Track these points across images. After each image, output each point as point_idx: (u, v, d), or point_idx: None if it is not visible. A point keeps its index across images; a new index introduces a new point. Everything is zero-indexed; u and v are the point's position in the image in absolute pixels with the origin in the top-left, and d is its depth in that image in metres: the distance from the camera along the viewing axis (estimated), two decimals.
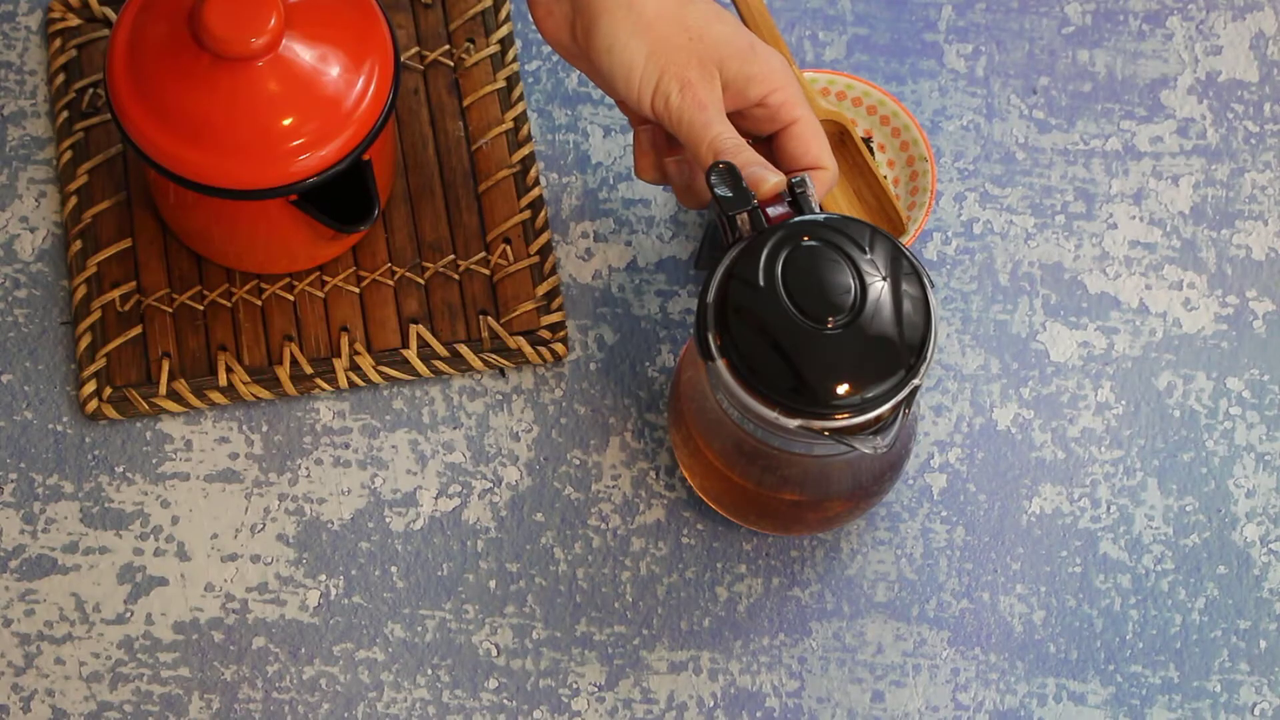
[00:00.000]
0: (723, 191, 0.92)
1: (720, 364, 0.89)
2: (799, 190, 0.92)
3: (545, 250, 1.08)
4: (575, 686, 1.01)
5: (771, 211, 0.92)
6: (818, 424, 0.88)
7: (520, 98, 1.11)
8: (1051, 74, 1.13)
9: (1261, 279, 1.09)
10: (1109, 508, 1.04)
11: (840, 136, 1.09)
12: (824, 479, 0.97)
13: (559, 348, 1.06)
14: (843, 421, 0.88)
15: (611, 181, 1.11)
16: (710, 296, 0.90)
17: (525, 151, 1.10)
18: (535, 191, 1.09)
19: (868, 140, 1.10)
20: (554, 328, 1.07)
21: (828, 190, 0.96)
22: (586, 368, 1.06)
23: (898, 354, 0.88)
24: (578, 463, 1.05)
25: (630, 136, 1.11)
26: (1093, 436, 1.05)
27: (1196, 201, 1.11)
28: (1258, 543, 1.04)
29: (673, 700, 1.00)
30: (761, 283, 0.89)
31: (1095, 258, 1.09)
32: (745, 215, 0.91)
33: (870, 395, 0.88)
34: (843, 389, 0.88)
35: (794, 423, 0.88)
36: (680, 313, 1.08)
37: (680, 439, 1.00)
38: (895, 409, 0.89)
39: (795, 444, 0.92)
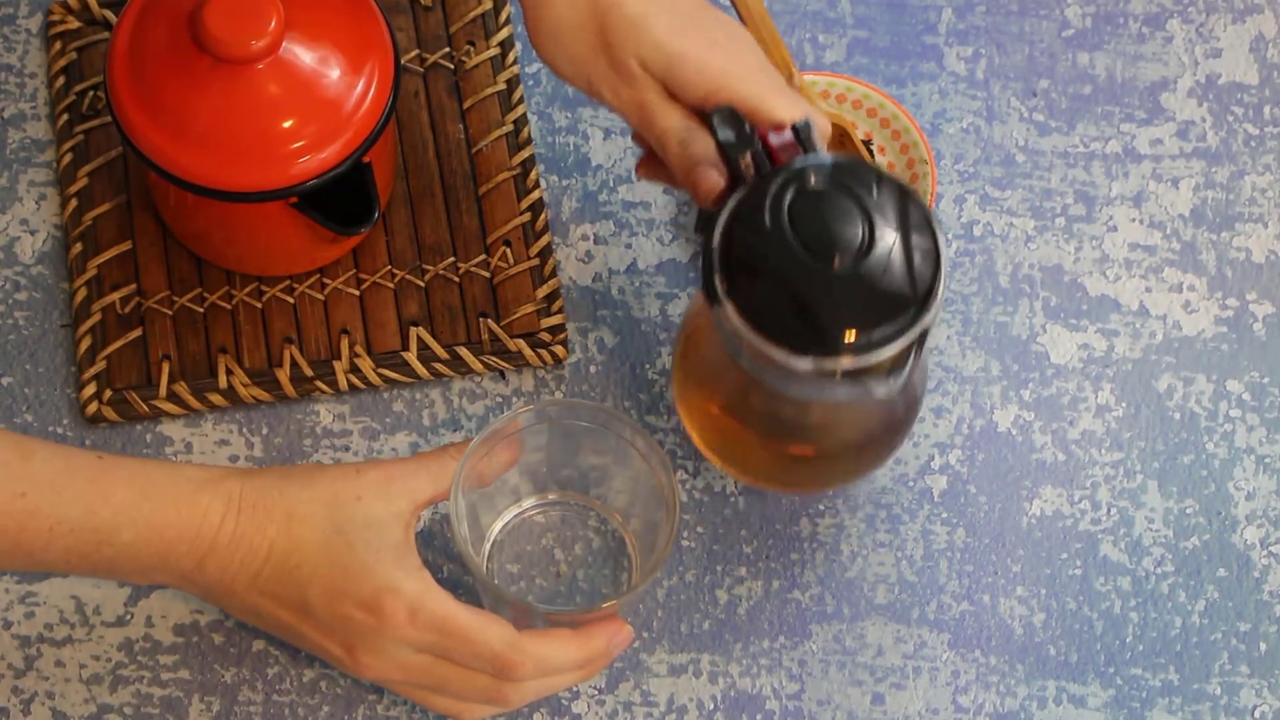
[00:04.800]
0: (725, 135, 0.90)
1: (729, 306, 0.87)
2: (803, 132, 0.91)
3: (545, 253, 1.08)
4: (575, 689, 1.01)
5: (775, 142, 0.90)
6: (829, 364, 0.86)
7: (520, 100, 1.12)
8: (1051, 77, 1.13)
9: (1261, 281, 1.09)
10: (1109, 510, 1.04)
11: (840, 139, 1.09)
12: (834, 430, 0.95)
13: (559, 350, 1.06)
14: (854, 362, 0.86)
15: (612, 184, 1.11)
16: (716, 240, 0.88)
17: (525, 154, 1.10)
18: (535, 194, 1.09)
19: (868, 143, 1.10)
20: (554, 330, 1.07)
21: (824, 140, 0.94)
22: (586, 370, 1.06)
23: (907, 293, 0.87)
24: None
25: (630, 139, 1.11)
26: (1093, 439, 1.05)
27: (1196, 204, 1.11)
28: (1258, 545, 1.04)
29: (673, 703, 1.00)
30: (767, 224, 0.87)
31: (1095, 260, 1.09)
32: (749, 158, 0.90)
33: (880, 334, 0.86)
34: (852, 328, 0.86)
35: (804, 364, 0.86)
36: (680, 315, 1.08)
37: (685, 395, 0.99)
38: (906, 350, 0.87)
39: (806, 389, 0.90)
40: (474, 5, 1.13)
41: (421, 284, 1.07)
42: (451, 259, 1.08)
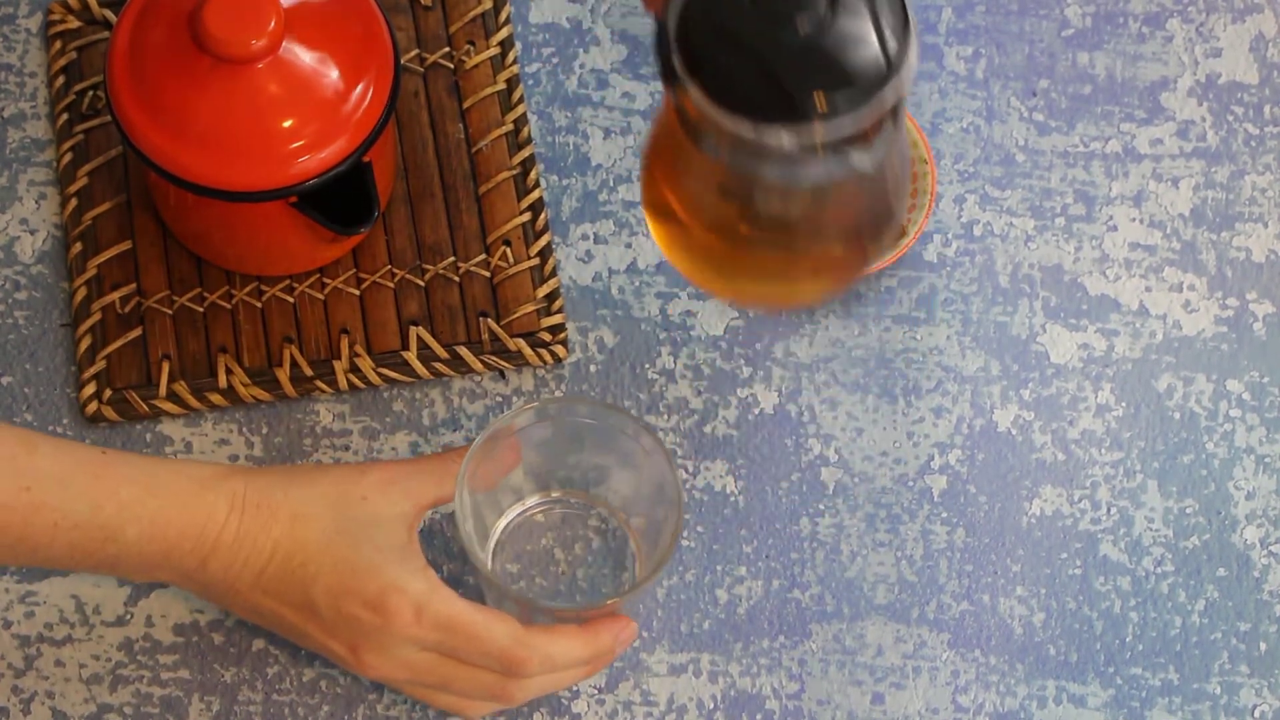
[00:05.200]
0: None
1: (690, 86, 0.83)
2: None
3: (545, 252, 1.08)
4: (575, 689, 1.01)
5: None
6: (801, 134, 0.82)
7: (520, 100, 1.11)
8: (1051, 76, 1.13)
9: (1261, 281, 1.09)
10: (1109, 510, 1.04)
11: None
12: (815, 222, 0.91)
13: (559, 350, 1.06)
14: (825, 131, 0.82)
15: (612, 184, 1.11)
16: (671, 18, 0.83)
17: (525, 154, 1.10)
18: (535, 194, 1.09)
19: None
20: (554, 330, 1.07)
21: None
22: (586, 370, 1.06)
23: (876, 56, 0.83)
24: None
25: (630, 139, 1.11)
26: (1093, 438, 1.05)
27: (1196, 204, 1.11)
28: (1258, 545, 1.04)
29: (673, 703, 1.00)
30: None
31: (1095, 260, 1.09)
32: None
33: (850, 98, 0.82)
34: (821, 91, 0.82)
35: (775, 135, 0.82)
36: (680, 315, 1.08)
37: (655, 208, 0.94)
38: (880, 118, 0.83)
39: (781, 172, 0.85)
40: (474, 5, 1.13)
41: (421, 284, 1.07)
42: (451, 259, 1.08)
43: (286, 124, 0.98)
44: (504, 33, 1.13)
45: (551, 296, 1.07)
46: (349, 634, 0.91)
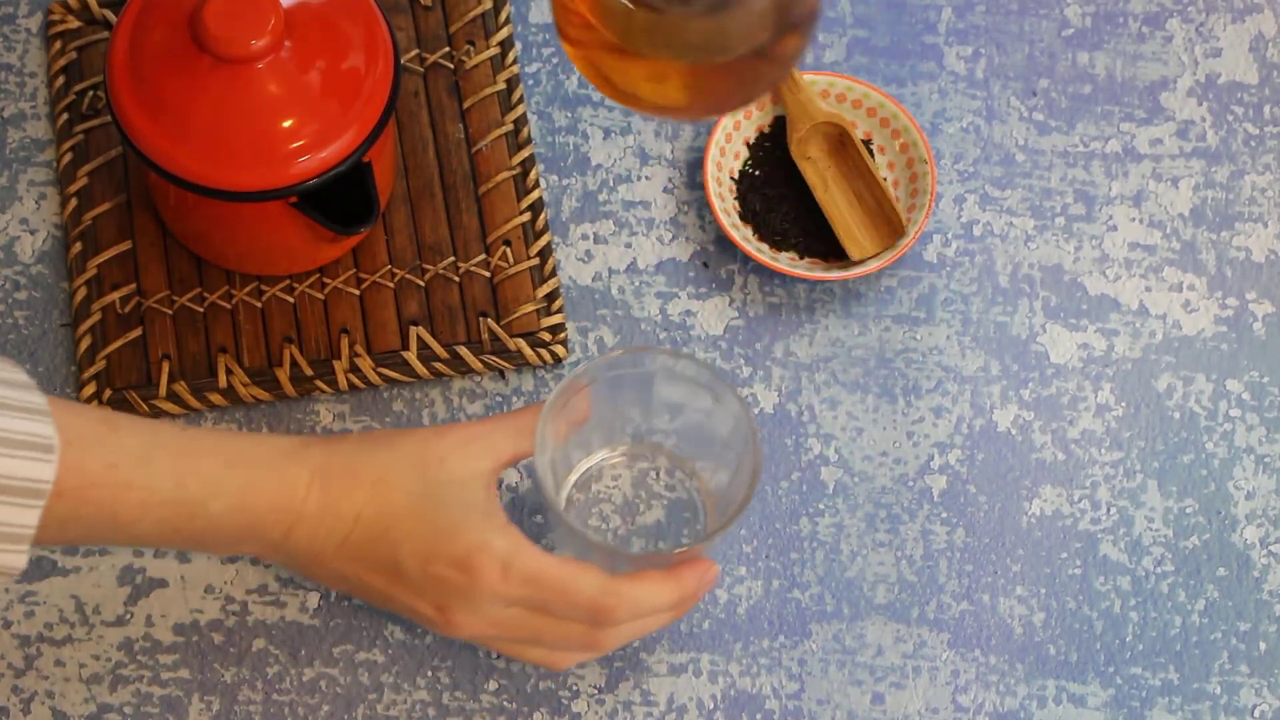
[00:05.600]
0: None
1: None
2: None
3: (545, 252, 1.08)
4: (575, 689, 1.01)
5: None
6: None
7: (520, 100, 1.12)
8: (1051, 76, 1.13)
9: (1261, 281, 1.09)
10: (1109, 509, 1.04)
11: (840, 139, 1.09)
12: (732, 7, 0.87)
13: (559, 350, 1.06)
14: None
15: (611, 183, 1.11)
16: None
17: (525, 154, 1.10)
18: (535, 193, 1.09)
19: (867, 142, 1.10)
20: (554, 329, 1.07)
21: None
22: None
23: None
24: None
25: (630, 139, 1.11)
26: (1093, 438, 1.06)
27: (1196, 203, 1.11)
28: (1258, 545, 1.04)
29: (673, 702, 1.00)
30: None
31: (1095, 260, 1.09)
32: None
33: None
34: None
35: None
36: (680, 314, 1.08)
37: (571, 28, 0.90)
38: None
39: None
40: (474, 5, 1.13)
41: (421, 283, 1.07)
42: (451, 258, 1.08)
43: (286, 124, 0.98)
44: (504, 33, 1.13)
45: (551, 296, 1.07)
46: (437, 595, 0.91)
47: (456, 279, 1.08)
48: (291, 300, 1.07)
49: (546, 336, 1.06)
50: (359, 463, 0.91)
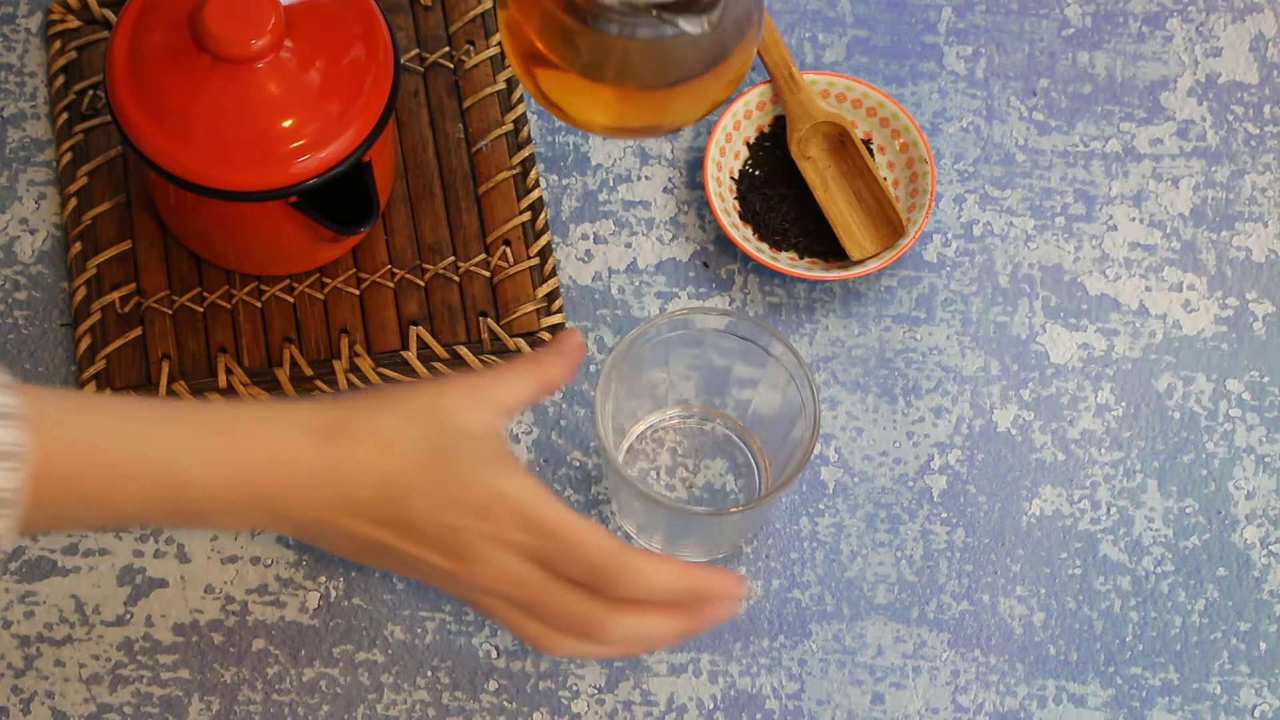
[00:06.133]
0: None
1: None
2: None
3: (545, 252, 1.08)
4: (575, 689, 1.01)
5: None
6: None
7: (520, 100, 1.11)
8: (1051, 76, 1.13)
9: (1261, 281, 1.09)
10: (1109, 509, 1.04)
11: (840, 138, 1.09)
12: (660, 63, 0.92)
13: None
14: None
15: (611, 183, 1.11)
16: None
17: (525, 153, 1.10)
18: (535, 193, 1.09)
19: (867, 142, 1.10)
20: (554, 330, 1.07)
21: None
22: (586, 370, 1.06)
23: None
24: (577, 464, 1.05)
25: (629, 139, 1.11)
26: (1093, 438, 1.06)
27: (1196, 203, 1.11)
28: (1258, 544, 1.04)
29: (673, 702, 1.00)
30: None
31: (1095, 260, 1.09)
32: None
33: None
34: None
35: None
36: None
37: (522, 56, 0.96)
38: None
39: (622, 27, 0.87)
40: (474, 5, 1.13)
41: (421, 283, 1.07)
42: (451, 258, 1.08)
43: (286, 124, 0.98)
44: None
45: (551, 296, 1.07)
46: (452, 544, 0.89)
47: (456, 279, 1.08)
48: (291, 300, 1.07)
49: (547, 336, 1.06)
50: (356, 420, 0.90)
